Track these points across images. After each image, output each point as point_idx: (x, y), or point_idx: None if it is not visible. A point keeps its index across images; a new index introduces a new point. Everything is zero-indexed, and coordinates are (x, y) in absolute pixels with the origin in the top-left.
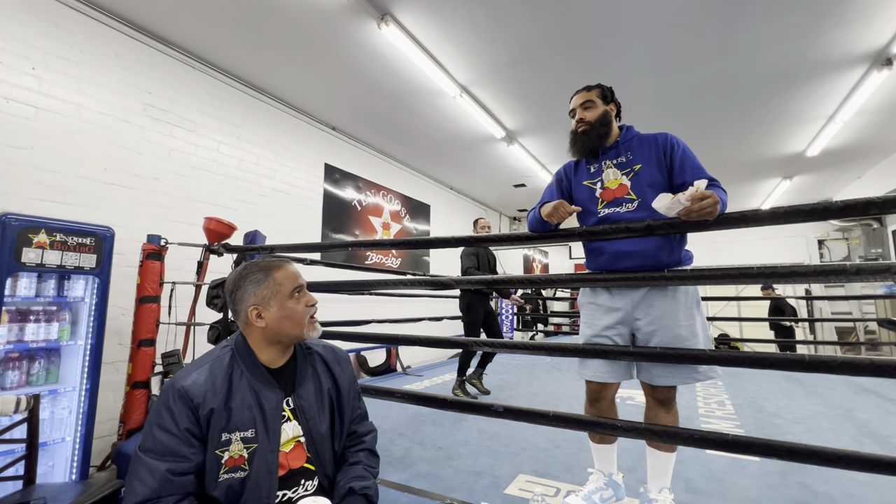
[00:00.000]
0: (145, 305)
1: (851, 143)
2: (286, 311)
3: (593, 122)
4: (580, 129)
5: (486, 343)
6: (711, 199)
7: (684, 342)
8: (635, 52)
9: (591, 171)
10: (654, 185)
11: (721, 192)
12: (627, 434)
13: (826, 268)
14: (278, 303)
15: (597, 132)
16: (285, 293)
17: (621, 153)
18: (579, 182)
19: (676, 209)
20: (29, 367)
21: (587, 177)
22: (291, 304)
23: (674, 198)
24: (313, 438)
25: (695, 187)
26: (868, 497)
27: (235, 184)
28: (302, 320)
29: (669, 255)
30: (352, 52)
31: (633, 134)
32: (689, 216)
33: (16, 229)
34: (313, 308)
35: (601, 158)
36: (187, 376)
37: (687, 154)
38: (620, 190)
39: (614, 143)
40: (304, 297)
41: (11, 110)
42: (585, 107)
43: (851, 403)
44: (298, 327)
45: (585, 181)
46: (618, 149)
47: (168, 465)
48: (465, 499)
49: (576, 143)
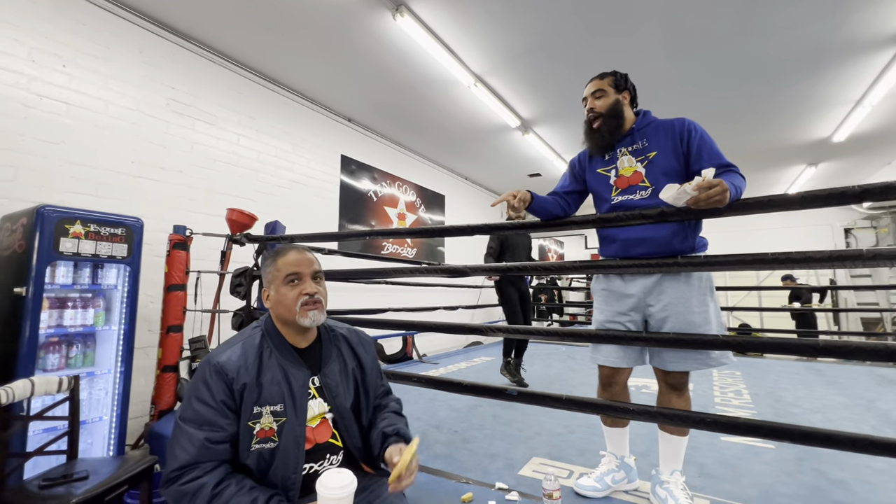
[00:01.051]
0: (173, 293)
1: (880, 127)
2: (279, 295)
3: (604, 113)
4: (593, 123)
5: (500, 329)
6: (719, 188)
7: (697, 328)
8: (653, 36)
9: (605, 158)
10: (668, 172)
11: (737, 177)
12: (639, 417)
13: (843, 253)
14: (275, 287)
15: (608, 126)
16: (280, 279)
17: (637, 140)
18: (594, 170)
19: (684, 199)
20: (68, 350)
21: (602, 164)
22: (284, 289)
23: (680, 188)
24: (340, 413)
25: (702, 176)
26: (885, 484)
27: (255, 175)
28: (293, 306)
29: (683, 242)
30: (367, 43)
31: (649, 120)
32: (698, 205)
33: (54, 220)
34: (306, 297)
35: (616, 146)
36: (222, 353)
37: (704, 140)
38: (635, 177)
39: (629, 131)
40: (300, 284)
41: (45, 107)
42: (596, 96)
43: (873, 394)
44: (290, 312)
45: (600, 168)
46: (633, 136)
47: (206, 433)
48: (481, 479)
49: (590, 139)
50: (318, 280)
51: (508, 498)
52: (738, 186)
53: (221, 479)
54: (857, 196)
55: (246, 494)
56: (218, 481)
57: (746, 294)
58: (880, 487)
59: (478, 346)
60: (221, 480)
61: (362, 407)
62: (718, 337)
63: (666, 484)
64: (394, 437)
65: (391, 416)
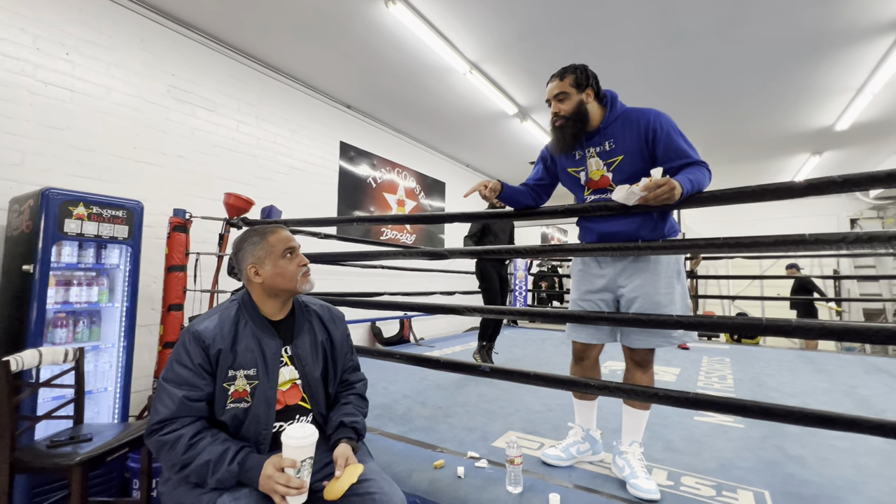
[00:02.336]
0: (173, 274)
1: (884, 116)
2: (279, 269)
3: (568, 116)
4: (556, 123)
5: (480, 310)
6: (666, 187)
7: (663, 308)
8: (648, 23)
9: (575, 157)
10: (635, 175)
11: (698, 172)
12: (601, 392)
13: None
14: (272, 262)
15: (571, 129)
16: (277, 253)
17: (604, 140)
18: (564, 168)
19: (633, 199)
20: (74, 326)
21: (572, 164)
22: (283, 263)
23: (629, 189)
24: (308, 381)
25: (650, 177)
26: (842, 461)
27: (255, 161)
28: (295, 276)
29: (651, 233)
30: (362, 30)
31: (617, 113)
32: (648, 203)
33: (58, 202)
34: (305, 267)
35: (585, 145)
36: (201, 322)
37: (671, 138)
38: (603, 181)
39: (597, 129)
40: (296, 257)
41: (50, 94)
42: (559, 98)
43: (857, 381)
44: (291, 282)
45: (570, 168)
46: (600, 135)
47: (185, 392)
48: (456, 449)
49: (553, 138)
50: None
51: (478, 465)
52: (696, 181)
53: (198, 431)
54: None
55: (219, 444)
56: (194, 433)
57: (748, 283)
58: (834, 463)
59: (476, 331)
60: (198, 433)
61: (329, 378)
62: (672, 316)
63: (624, 454)
64: (349, 429)
65: (354, 400)
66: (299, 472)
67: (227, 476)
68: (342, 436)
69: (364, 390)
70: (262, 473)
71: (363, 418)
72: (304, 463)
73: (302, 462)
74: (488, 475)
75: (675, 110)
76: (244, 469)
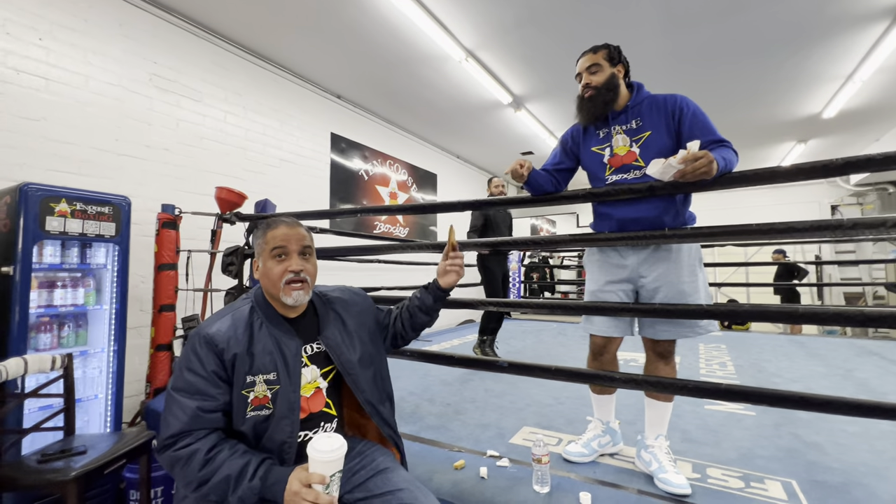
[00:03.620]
0: (164, 273)
1: (870, 103)
2: (265, 269)
3: (599, 87)
4: (586, 94)
5: (491, 303)
6: (705, 159)
7: (687, 297)
8: (645, 10)
9: (600, 136)
10: (662, 152)
11: (728, 151)
12: (626, 385)
13: (822, 223)
14: (263, 260)
15: (603, 97)
16: (267, 251)
17: (631, 118)
18: (588, 148)
19: (670, 173)
20: (59, 330)
21: (596, 142)
22: (270, 263)
23: (666, 161)
24: (346, 369)
25: (687, 149)
26: (857, 445)
27: (244, 154)
28: (277, 282)
29: (674, 220)
30: (355, 16)
31: (643, 96)
32: (685, 178)
33: (38, 199)
34: (291, 274)
35: (611, 123)
36: (212, 325)
37: (697, 117)
38: (629, 157)
39: (624, 108)
40: (286, 260)
41: (23, 82)
42: (591, 71)
43: (852, 364)
44: (274, 288)
45: (594, 147)
46: (627, 113)
47: (198, 402)
48: (473, 447)
49: (582, 108)
50: (306, 256)
51: (499, 464)
52: (728, 160)
53: (214, 444)
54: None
55: (239, 458)
56: (210, 447)
57: (734, 271)
58: (852, 449)
59: (471, 324)
60: (214, 446)
61: (373, 358)
62: (703, 306)
63: (651, 448)
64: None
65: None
66: (328, 488)
67: (249, 493)
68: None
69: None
70: (287, 489)
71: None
72: (333, 478)
73: (331, 477)
74: (512, 475)
75: None
76: (267, 485)
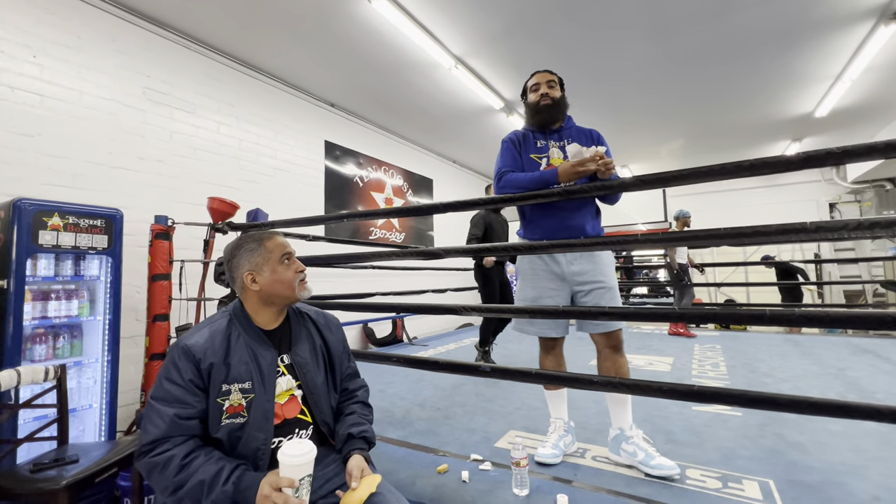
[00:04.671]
0: (157, 283)
1: (861, 101)
2: (277, 275)
3: (557, 100)
4: (544, 102)
5: (477, 309)
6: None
7: (614, 291)
8: (632, 14)
9: (538, 145)
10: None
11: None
12: (604, 388)
13: (786, 227)
14: (270, 268)
15: (556, 110)
16: (275, 259)
17: (563, 138)
18: (527, 153)
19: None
20: (54, 341)
21: (535, 150)
22: (282, 269)
23: (580, 149)
24: (310, 389)
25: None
26: (839, 445)
27: (237, 164)
28: (292, 283)
29: (593, 230)
30: (344, 26)
31: (572, 124)
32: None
33: (31, 213)
34: (302, 273)
35: (548, 137)
36: (190, 337)
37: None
38: None
39: (559, 129)
40: (293, 263)
41: (17, 99)
42: (550, 85)
43: (845, 363)
44: (290, 289)
45: (533, 154)
46: (560, 133)
47: (175, 410)
48: (458, 452)
49: (538, 113)
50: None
51: (481, 468)
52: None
53: (190, 451)
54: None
55: (213, 464)
56: (187, 453)
57: (733, 270)
58: (833, 448)
59: (469, 328)
60: (190, 452)
61: (330, 385)
62: (674, 308)
63: (631, 439)
64: (360, 440)
65: (358, 409)
66: (298, 492)
67: (222, 497)
68: (353, 447)
69: (366, 397)
70: (258, 493)
71: (370, 426)
72: (302, 482)
73: (300, 481)
74: (493, 478)
75: (660, 102)
76: (240, 489)
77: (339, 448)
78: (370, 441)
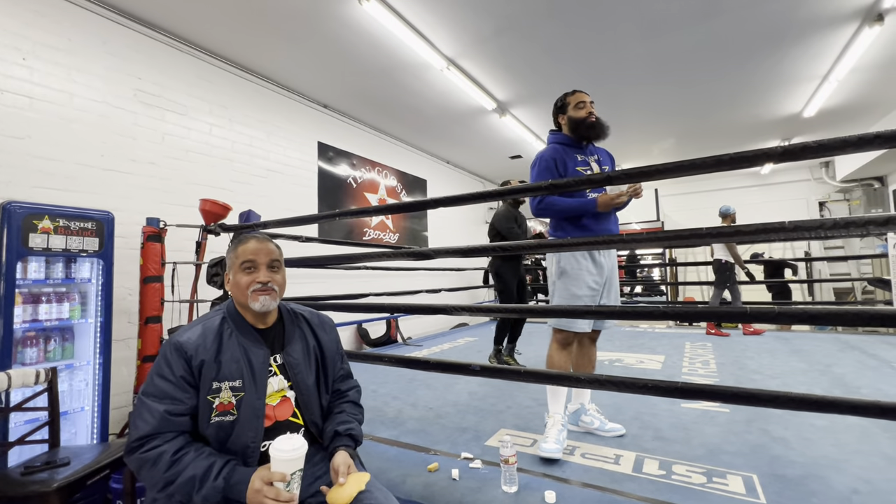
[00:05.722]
0: (150, 285)
1: (848, 101)
2: (235, 280)
3: (600, 119)
4: (592, 118)
5: (467, 309)
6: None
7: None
8: (621, 16)
9: (578, 159)
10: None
11: None
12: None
13: (766, 226)
14: (233, 272)
15: (600, 128)
16: (237, 265)
17: (596, 153)
18: (572, 167)
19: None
20: (45, 344)
21: (577, 164)
22: (239, 275)
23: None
24: (301, 390)
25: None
26: (823, 440)
27: (230, 165)
28: (245, 291)
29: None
30: (336, 28)
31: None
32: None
33: (21, 216)
34: (258, 285)
35: (587, 153)
36: (183, 333)
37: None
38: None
39: (591, 145)
40: (254, 273)
41: (7, 101)
42: (593, 105)
43: (832, 360)
44: (243, 296)
45: (578, 167)
46: (592, 149)
47: (166, 406)
48: (449, 450)
49: (590, 128)
50: (275, 269)
51: (471, 466)
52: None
53: (181, 447)
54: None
55: (204, 459)
56: (177, 449)
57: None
58: (816, 442)
59: (464, 328)
60: (181, 448)
61: (321, 386)
62: (659, 307)
63: (589, 411)
64: (346, 437)
65: (348, 408)
66: (289, 486)
67: (213, 492)
68: (339, 444)
69: (357, 397)
70: (249, 488)
71: (359, 425)
72: (293, 476)
73: (292, 475)
74: (483, 476)
75: (650, 102)
76: (230, 484)
77: (326, 445)
78: (356, 438)
